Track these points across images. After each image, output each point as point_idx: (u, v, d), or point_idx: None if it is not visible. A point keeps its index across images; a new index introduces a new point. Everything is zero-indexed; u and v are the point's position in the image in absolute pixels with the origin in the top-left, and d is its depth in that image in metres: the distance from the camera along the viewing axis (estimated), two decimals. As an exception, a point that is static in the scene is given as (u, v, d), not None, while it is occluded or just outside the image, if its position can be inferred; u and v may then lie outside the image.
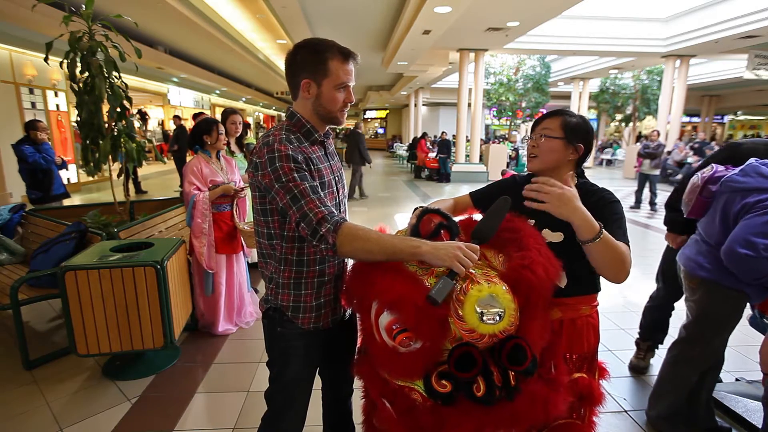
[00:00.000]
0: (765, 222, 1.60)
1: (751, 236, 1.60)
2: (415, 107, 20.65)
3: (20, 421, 2.16)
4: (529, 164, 1.40)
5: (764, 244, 1.58)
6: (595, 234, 1.16)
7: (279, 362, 1.39)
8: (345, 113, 1.33)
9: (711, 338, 1.95)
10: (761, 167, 1.74)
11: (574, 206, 1.17)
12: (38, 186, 4.61)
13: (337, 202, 1.37)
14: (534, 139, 1.37)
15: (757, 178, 1.72)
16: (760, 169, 1.73)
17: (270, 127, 1.46)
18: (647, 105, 16.46)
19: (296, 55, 1.26)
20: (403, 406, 1.13)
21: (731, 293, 1.82)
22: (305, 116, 1.30)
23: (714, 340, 1.96)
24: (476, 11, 7.45)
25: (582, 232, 1.17)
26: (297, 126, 1.30)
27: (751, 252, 1.59)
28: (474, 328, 1.01)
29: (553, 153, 1.34)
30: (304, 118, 1.30)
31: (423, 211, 1.23)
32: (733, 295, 1.83)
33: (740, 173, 1.79)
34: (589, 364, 1.38)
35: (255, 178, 1.24)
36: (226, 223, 3.03)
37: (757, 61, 10.10)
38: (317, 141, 1.33)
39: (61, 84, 9.01)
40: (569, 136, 1.33)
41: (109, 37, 3.27)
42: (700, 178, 1.93)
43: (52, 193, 4.70)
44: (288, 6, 7.52)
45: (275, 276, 1.34)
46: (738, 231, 1.66)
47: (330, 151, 1.41)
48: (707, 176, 1.91)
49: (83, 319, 2.27)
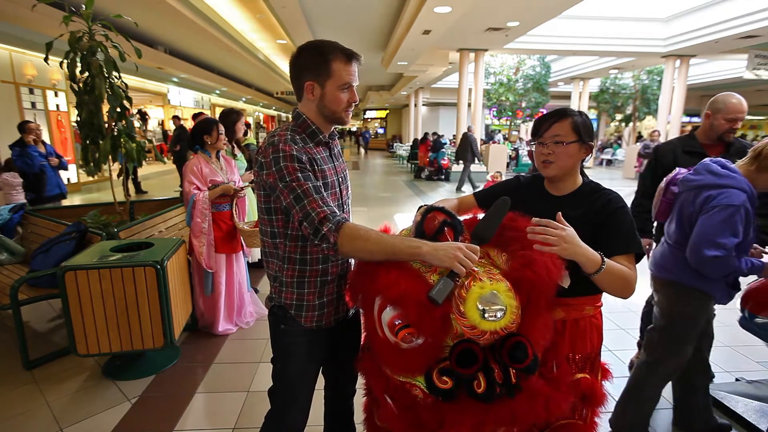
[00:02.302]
0: (723, 220, 1.61)
1: (717, 237, 1.60)
2: (415, 107, 20.66)
3: (20, 421, 2.16)
4: (546, 171, 1.36)
5: (730, 242, 1.60)
6: (597, 267, 1.17)
7: (282, 359, 1.41)
8: (350, 113, 1.34)
9: (677, 341, 1.86)
10: (711, 165, 1.76)
11: (576, 245, 1.17)
12: (30, 187, 4.63)
13: (340, 202, 1.38)
14: (546, 146, 1.33)
15: (706, 175, 1.73)
16: (710, 167, 1.75)
17: (273, 128, 1.47)
18: (647, 105, 16.47)
19: (299, 57, 1.28)
20: (404, 402, 1.14)
21: (695, 293, 1.80)
22: (310, 117, 1.32)
23: (680, 343, 1.87)
24: (476, 11, 7.45)
25: (587, 267, 1.18)
26: (302, 127, 1.31)
27: (719, 252, 1.60)
28: (475, 324, 1.01)
29: (570, 158, 1.32)
30: (309, 119, 1.31)
31: (427, 209, 1.23)
32: (696, 295, 1.80)
33: (693, 172, 1.81)
34: (591, 364, 1.37)
35: (260, 177, 1.26)
36: (226, 223, 3.03)
37: (757, 61, 10.10)
38: (322, 142, 1.34)
39: (61, 84, 9.01)
40: (583, 136, 1.32)
41: (109, 37, 3.27)
42: (664, 180, 1.96)
43: (44, 194, 4.70)
44: (288, 6, 7.52)
45: (279, 274, 1.35)
46: (700, 232, 1.65)
47: (335, 152, 1.42)
48: (669, 178, 1.93)
49: (83, 319, 2.27)
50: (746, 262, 1.66)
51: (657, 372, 1.91)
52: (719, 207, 1.62)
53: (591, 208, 1.26)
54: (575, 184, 1.38)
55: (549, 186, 1.42)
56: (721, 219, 1.61)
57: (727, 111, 2.17)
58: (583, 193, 1.35)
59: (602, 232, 1.25)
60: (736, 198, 1.62)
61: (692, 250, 1.67)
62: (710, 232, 1.62)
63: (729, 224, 1.60)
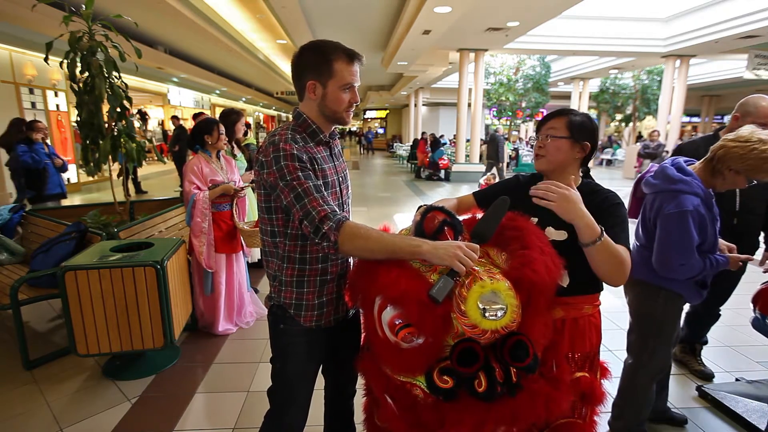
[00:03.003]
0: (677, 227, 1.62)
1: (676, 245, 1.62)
2: (415, 107, 20.65)
3: (20, 421, 2.16)
4: (537, 164, 1.41)
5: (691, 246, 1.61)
6: (595, 237, 1.18)
7: (281, 358, 1.41)
8: (351, 113, 1.34)
9: (652, 340, 1.85)
10: (668, 169, 1.72)
11: (578, 207, 1.19)
12: (31, 185, 4.64)
13: (341, 202, 1.39)
14: (540, 139, 1.38)
15: (662, 181, 1.72)
16: (666, 171, 1.72)
17: (273, 128, 1.47)
18: (647, 105, 16.46)
19: (301, 57, 1.28)
20: (404, 403, 1.14)
21: (662, 293, 1.80)
22: (311, 117, 1.32)
23: (656, 342, 1.85)
24: (476, 11, 7.45)
25: (583, 234, 1.19)
26: (303, 126, 1.32)
27: (683, 260, 1.62)
28: (476, 323, 1.02)
29: (560, 152, 1.34)
30: (310, 118, 1.31)
31: (427, 209, 1.24)
32: (663, 294, 1.80)
33: (653, 175, 1.79)
34: (590, 363, 1.38)
35: (260, 176, 1.26)
36: (226, 223, 3.03)
37: (757, 61, 10.09)
38: (323, 142, 1.34)
39: (61, 84, 9.00)
40: (575, 134, 1.33)
41: (109, 37, 3.26)
42: (637, 178, 1.97)
43: (45, 192, 4.72)
44: (288, 6, 7.52)
45: (278, 274, 1.35)
46: (661, 242, 1.67)
47: (336, 152, 1.42)
48: (642, 175, 1.92)
49: (83, 319, 2.27)
50: (710, 261, 1.67)
51: (641, 373, 1.90)
52: (670, 214, 1.63)
53: (588, 204, 1.26)
54: (573, 184, 1.39)
55: None
56: (675, 226, 1.62)
57: (757, 115, 2.15)
58: (582, 193, 1.35)
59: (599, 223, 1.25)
60: (687, 203, 1.61)
61: (658, 260, 1.69)
62: (669, 240, 1.64)
63: (683, 230, 1.61)
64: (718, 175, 1.68)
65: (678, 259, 1.63)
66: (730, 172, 1.63)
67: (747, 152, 1.56)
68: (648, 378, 1.91)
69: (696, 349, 2.67)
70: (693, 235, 1.61)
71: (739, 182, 1.66)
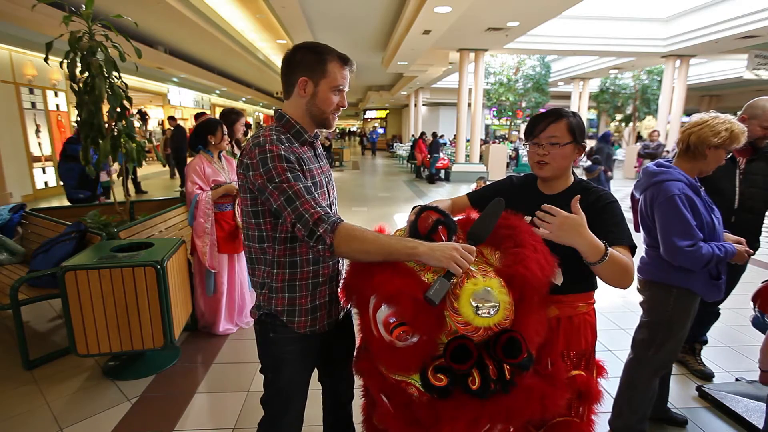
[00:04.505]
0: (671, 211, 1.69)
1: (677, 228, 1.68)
2: (415, 107, 20.65)
3: (20, 421, 2.16)
4: (541, 172, 1.38)
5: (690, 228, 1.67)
6: (600, 256, 1.16)
7: (272, 368, 1.37)
8: (336, 117, 1.34)
9: (663, 339, 1.87)
10: (649, 167, 1.86)
11: (575, 233, 1.16)
12: (87, 185, 4.67)
13: (329, 202, 1.37)
14: (542, 147, 1.34)
15: (645, 178, 1.84)
16: (648, 168, 1.85)
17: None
18: (647, 105, 16.47)
19: (295, 54, 1.28)
20: (400, 401, 1.14)
21: (675, 291, 1.83)
22: (295, 117, 1.30)
23: (665, 340, 1.87)
24: (476, 11, 7.45)
25: (587, 255, 1.17)
26: (286, 127, 1.30)
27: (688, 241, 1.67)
28: (469, 321, 1.02)
29: (565, 159, 1.34)
30: (294, 119, 1.30)
31: (421, 209, 1.24)
32: (676, 292, 1.82)
33: (639, 178, 1.91)
34: (587, 361, 1.38)
35: (246, 179, 1.23)
36: (228, 223, 3.03)
37: (757, 61, 10.09)
38: (307, 141, 1.33)
39: (61, 84, 9.01)
40: (577, 137, 1.34)
41: (109, 37, 3.26)
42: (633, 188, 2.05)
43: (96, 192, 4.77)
44: (288, 6, 7.53)
45: (267, 280, 1.31)
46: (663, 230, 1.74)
47: (319, 153, 1.41)
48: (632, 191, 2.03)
49: (83, 319, 2.28)
50: (717, 247, 1.70)
51: (645, 368, 1.93)
52: (661, 203, 1.73)
53: (581, 203, 1.26)
54: (567, 183, 1.40)
55: (541, 185, 1.44)
56: (669, 211, 1.70)
57: (765, 117, 2.18)
58: (575, 191, 1.35)
59: (596, 224, 1.24)
60: (672, 188, 1.71)
61: (666, 250, 1.74)
62: (669, 227, 1.71)
63: (677, 212, 1.68)
64: (700, 158, 1.77)
65: (682, 242, 1.66)
66: (710, 150, 1.75)
67: (714, 128, 1.72)
68: (648, 373, 1.93)
69: (696, 349, 2.68)
70: (688, 216, 1.68)
71: (720, 156, 1.78)
